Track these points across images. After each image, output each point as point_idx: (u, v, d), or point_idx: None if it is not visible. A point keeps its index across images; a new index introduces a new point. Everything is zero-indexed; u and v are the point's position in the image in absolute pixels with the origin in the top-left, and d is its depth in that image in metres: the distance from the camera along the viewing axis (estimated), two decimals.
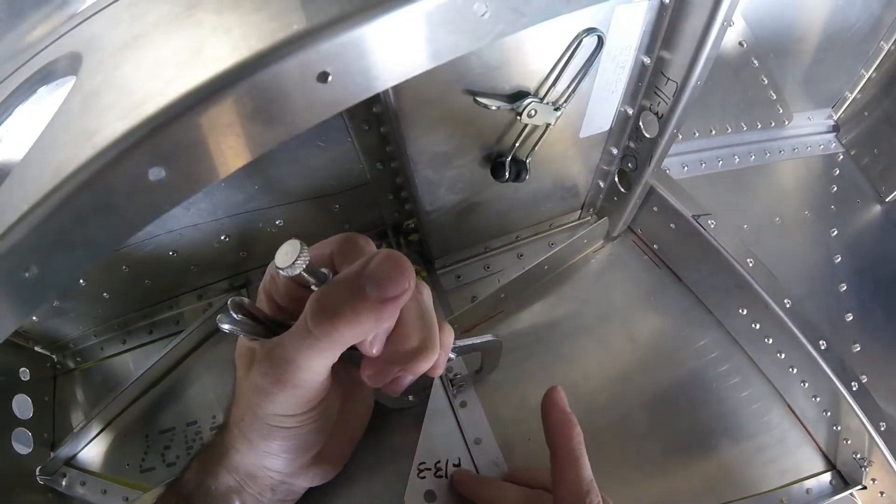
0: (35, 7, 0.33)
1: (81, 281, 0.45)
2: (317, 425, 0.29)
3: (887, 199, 0.59)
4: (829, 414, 0.45)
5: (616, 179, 0.49)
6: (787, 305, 0.45)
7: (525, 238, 0.53)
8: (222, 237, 0.47)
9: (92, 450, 0.47)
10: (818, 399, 0.45)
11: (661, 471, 0.44)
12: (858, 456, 0.44)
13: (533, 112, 0.38)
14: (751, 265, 0.46)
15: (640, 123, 0.43)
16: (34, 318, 0.47)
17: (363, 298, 0.24)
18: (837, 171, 0.61)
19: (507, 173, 0.41)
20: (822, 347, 0.44)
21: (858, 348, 0.50)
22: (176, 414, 0.48)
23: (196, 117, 0.19)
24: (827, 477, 0.46)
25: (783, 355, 0.46)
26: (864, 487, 0.45)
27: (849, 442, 0.44)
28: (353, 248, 0.28)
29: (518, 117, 0.38)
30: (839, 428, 0.45)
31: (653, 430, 0.45)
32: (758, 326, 0.47)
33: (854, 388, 0.43)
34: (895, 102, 0.58)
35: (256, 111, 0.20)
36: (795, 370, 0.46)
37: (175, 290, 0.51)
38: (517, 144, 0.40)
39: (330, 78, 0.21)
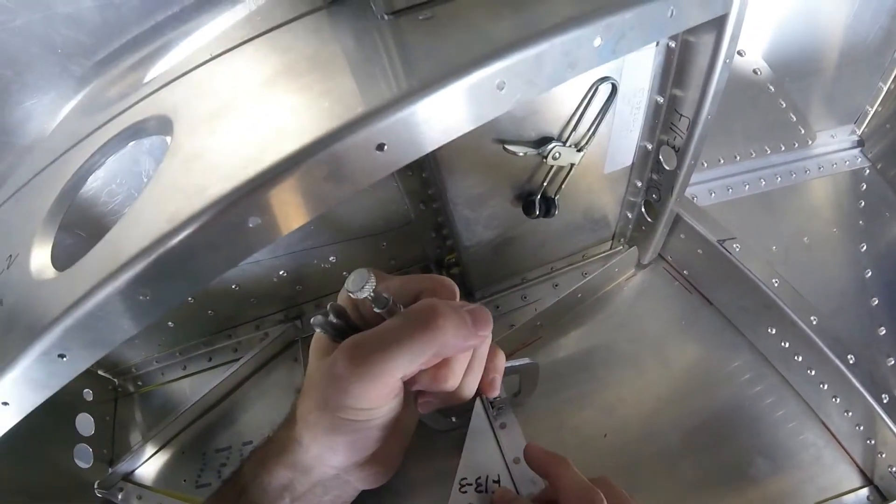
0: (114, 66, 0.38)
1: None
2: (381, 423, 0.32)
3: None
4: (862, 428, 0.46)
5: (643, 210, 0.52)
6: (814, 322, 0.46)
7: (560, 269, 0.56)
8: (280, 272, 0.52)
9: (149, 466, 0.51)
10: (850, 414, 0.46)
11: (698, 491, 0.45)
12: (894, 470, 0.45)
13: (557, 155, 0.42)
14: (776, 285, 0.47)
15: (660, 157, 0.47)
16: None
17: (465, 321, 0.30)
18: (864, 186, 0.62)
19: (537, 210, 0.45)
20: (851, 362, 0.45)
21: (893, 362, 0.50)
22: (233, 434, 0.52)
23: (286, 179, 0.24)
24: (864, 492, 0.46)
25: (813, 372, 0.47)
26: None
27: (884, 455, 0.45)
28: (448, 293, 0.34)
29: (544, 160, 0.42)
30: (873, 442, 0.45)
31: (688, 452, 0.47)
32: (787, 345, 0.48)
33: (885, 401, 0.44)
34: None
35: (330, 174, 0.25)
36: (826, 386, 0.47)
37: (234, 321, 0.56)
38: (545, 184, 0.44)
39: (386, 147, 0.26)
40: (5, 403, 0.26)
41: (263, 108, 0.30)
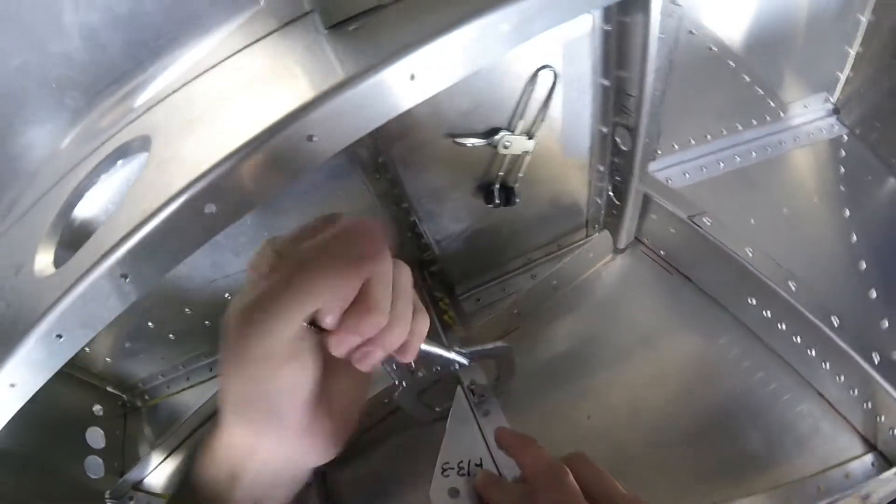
0: (105, 98, 0.41)
1: (150, 324, 0.53)
2: (293, 381, 0.30)
3: None
4: (856, 392, 0.44)
5: (611, 194, 0.53)
6: (793, 288, 0.45)
7: (537, 259, 0.58)
8: None
9: (158, 474, 0.53)
10: (842, 378, 0.45)
11: (692, 472, 0.45)
12: None
13: (508, 143, 0.44)
14: (750, 255, 0.47)
15: (617, 139, 0.48)
16: (108, 359, 0.55)
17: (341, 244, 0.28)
18: (844, 153, 0.61)
19: (496, 199, 0.47)
20: (836, 324, 0.44)
21: (887, 324, 0.48)
22: None
23: (233, 171, 0.27)
24: (868, 458, 0.45)
25: (799, 339, 0.46)
26: None
27: (883, 419, 0.43)
28: (332, 222, 0.32)
29: (496, 150, 0.44)
30: (871, 405, 0.44)
31: (682, 433, 0.46)
32: (769, 314, 0.47)
33: (876, 362, 0.42)
34: (890, 73, 0.57)
35: (270, 164, 0.28)
36: (814, 352, 0.46)
37: None
38: (501, 173, 0.46)
39: (315, 138, 0.29)
40: (12, 385, 0.29)
41: (224, 117, 0.34)
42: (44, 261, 0.33)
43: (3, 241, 0.39)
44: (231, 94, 0.36)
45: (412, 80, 0.30)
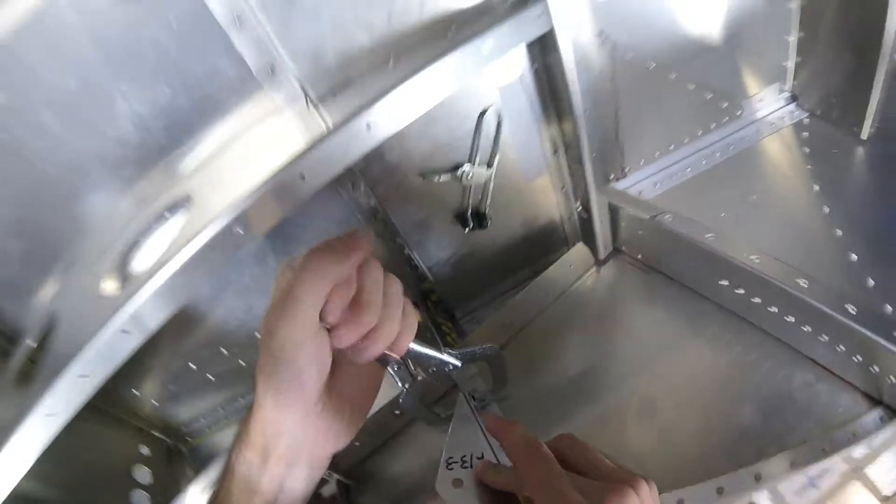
0: (152, 169, 0.49)
1: (192, 365, 0.61)
2: (313, 357, 0.35)
3: (865, 137, 0.59)
4: (843, 348, 0.45)
5: (580, 210, 0.59)
6: (756, 260, 0.48)
7: (529, 279, 0.62)
8: None
9: None
10: (825, 337, 0.45)
11: (694, 452, 0.46)
12: (895, 379, 0.43)
13: (470, 175, 0.52)
14: (711, 239, 0.50)
15: (567, 159, 0.55)
16: (154, 402, 0.62)
17: (334, 247, 0.36)
18: (807, 134, 0.63)
19: (470, 223, 0.54)
20: (804, 285, 0.45)
21: (873, 283, 0.48)
22: None
23: (251, 204, 0.38)
24: (875, 414, 0.44)
25: (776, 308, 0.48)
26: None
27: (877, 368, 0.43)
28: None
29: (461, 181, 0.52)
30: (861, 358, 0.44)
31: (679, 420, 0.48)
32: (742, 291, 0.50)
33: (853, 313, 0.43)
34: (837, 50, 0.59)
35: (274, 198, 0.39)
36: (792, 318, 0.47)
37: None
38: (470, 200, 0.54)
39: (305, 177, 0.39)
40: (83, 376, 0.38)
41: (240, 172, 0.45)
42: (110, 286, 0.43)
43: (70, 284, 0.48)
44: (249, 156, 0.48)
45: (369, 129, 0.40)
